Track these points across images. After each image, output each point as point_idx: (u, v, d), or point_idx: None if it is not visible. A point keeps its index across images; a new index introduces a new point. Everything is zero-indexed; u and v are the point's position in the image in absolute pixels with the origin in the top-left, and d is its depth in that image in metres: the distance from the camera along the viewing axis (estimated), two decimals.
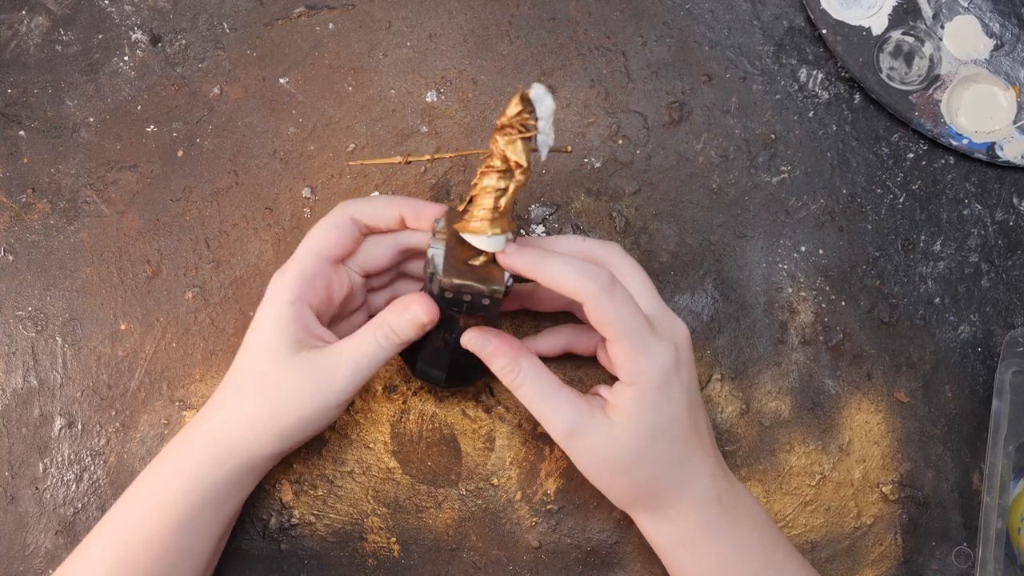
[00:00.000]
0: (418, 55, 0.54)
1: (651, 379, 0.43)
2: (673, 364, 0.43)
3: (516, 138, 0.41)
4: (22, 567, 0.50)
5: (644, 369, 0.43)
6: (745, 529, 0.45)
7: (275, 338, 0.44)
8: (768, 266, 0.54)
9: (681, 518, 0.45)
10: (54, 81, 0.53)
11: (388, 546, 0.51)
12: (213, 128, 0.53)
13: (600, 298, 0.42)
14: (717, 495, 0.45)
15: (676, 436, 0.44)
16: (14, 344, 0.52)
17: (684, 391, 0.44)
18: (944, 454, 0.53)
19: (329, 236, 0.46)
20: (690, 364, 0.45)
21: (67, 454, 0.51)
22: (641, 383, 0.43)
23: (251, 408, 0.44)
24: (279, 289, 0.45)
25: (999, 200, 0.55)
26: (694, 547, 0.45)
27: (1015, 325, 0.54)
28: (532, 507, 0.52)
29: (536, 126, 0.41)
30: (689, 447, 0.44)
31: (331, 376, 0.44)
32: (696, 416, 0.45)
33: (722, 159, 0.54)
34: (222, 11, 0.54)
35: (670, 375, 0.43)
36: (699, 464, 0.45)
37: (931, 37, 0.55)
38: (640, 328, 0.43)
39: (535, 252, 0.43)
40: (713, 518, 0.45)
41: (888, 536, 0.53)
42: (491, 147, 0.42)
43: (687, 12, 0.55)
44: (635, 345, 0.43)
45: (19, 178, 0.53)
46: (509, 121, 0.41)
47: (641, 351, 0.43)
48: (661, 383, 0.43)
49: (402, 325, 0.44)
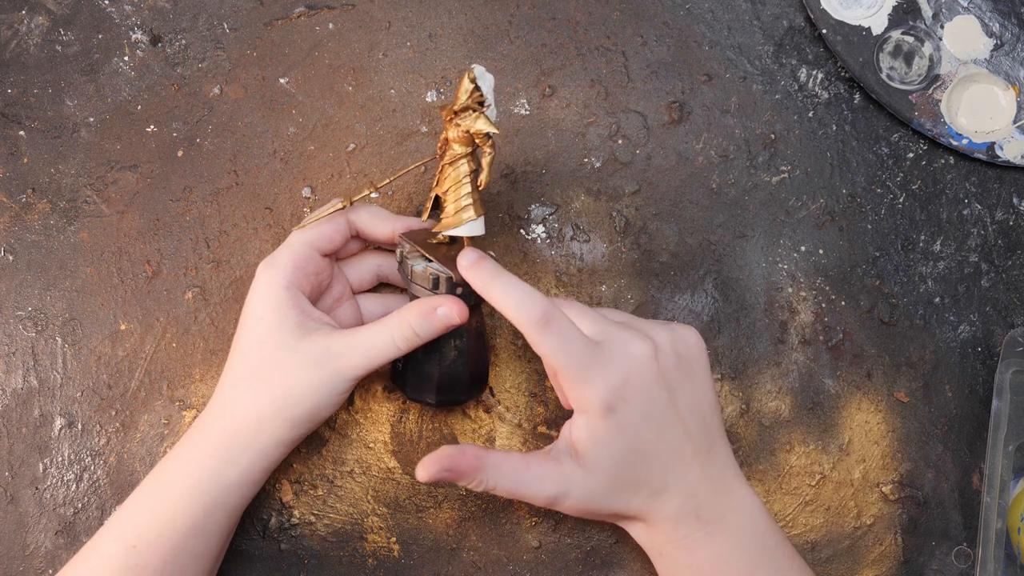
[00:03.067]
0: (418, 55, 0.54)
1: (595, 408, 0.42)
2: (615, 393, 0.42)
3: (479, 114, 0.44)
4: (22, 567, 0.50)
5: (588, 397, 0.42)
6: (726, 545, 0.45)
7: (276, 325, 0.44)
8: (768, 266, 0.54)
9: (655, 532, 0.45)
10: (54, 81, 0.53)
11: (388, 546, 0.51)
12: (213, 128, 0.53)
13: (532, 332, 0.42)
14: (695, 511, 0.44)
15: (639, 460, 0.43)
16: (14, 344, 0.52)
17: (640, 414, 0.43)
18: (944, 454, 0.53)
19: (323, 229, 0.47)
20: (648, 386, 0.43)
21: (67, 454, 0.51)
22: (588, 412, 0.43)
23: (260, 400, 0.44)
24: (272, 276, 0.45)
25: (999, 200, 0.55)
26: (672, 558, 0.45)
27: (1015, 325, 0.54)
28: (532, 507, 0.52)
29: (486, 101, 0.44)
30: (656, 466, 0.44)
31: (340, 364, 0.44)
32: (667, 434, 0.44)
33: (722, 159, 0.54)
34: (222, 11, 0.54)
35: (614, 403, 0.42)
36: (672, 481, 0.44)
37: (931, 37, 0.55)
38: (577, 362, 0.42)
39: (488, 270, 0.43)
40: (689, 534, 0.44)
41: (888, 536, 0.53)
42: (447, 136, 0.45)
43: (687, 12, 0.55)
44: (575, 376, 0.42)
45: (19, 178, 0.53)
46: (466, 103, 0.44)
47: (581, 382, 0.42)
48: (605, 412, 0.42)
49: (427, 324, 0.44)
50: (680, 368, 0.45)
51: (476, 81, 0.44)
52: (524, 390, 0.53)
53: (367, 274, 0.51)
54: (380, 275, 0.51)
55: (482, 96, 0.44)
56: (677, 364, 0.45)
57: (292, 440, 0.45)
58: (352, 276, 0.50)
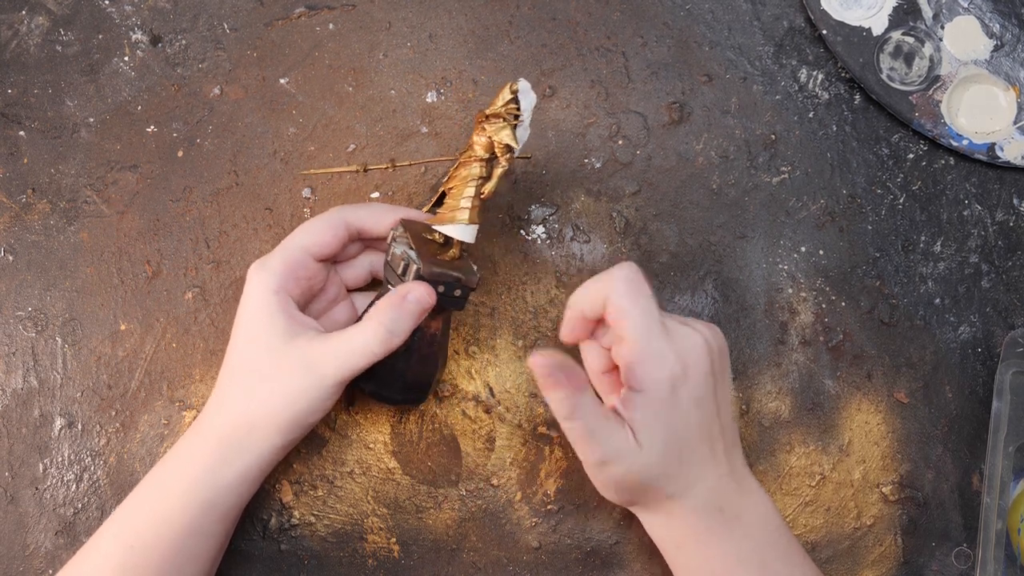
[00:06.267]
0: (418, 55, 0.54)
1: (661, 386, 0.43)
2: (681, 374, 0.43)
3: (506, 125, 0.44)
4: (22, 567, 0.50)
5: (656, 375, 0.43)
6: (743, 538, 0.45)
7: (264, 329, 0.44)
8: (768, 267, 0.54)
9: (677, 521, 0.45)
10: (54, 81, 0.53)
11: (388, 546, 0.51)
12: (213, 128, 0.53)
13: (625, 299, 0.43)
14: (719, 504, 0.45)
15: (682, 445, 0.44)
16: (14, 344, 0.52)
17: (694, 400, 0.44)
18: (944, 454, 0.53)
19: (319, 233, 0.46)
20: (704, 375, 0.44)
21: (67, 454, 0.51)
22: (651, 390, 0.43)
23: (251, 404, 0.44)
24: (262, 279, 0.45)
25: (999, 201, 0.55)
26: (686, 550, 0.46)
27: (1015, 325, 0.54)
28: (532, 507, 0.52)
29: (521, 117, 0.44)
30: (695, 455, 0.44)
31: (321, 369, 0.44)
32: (708, 425, 0.45)
33: (722, 159, 0.54)
34: (222, 11, 0.54)
35: (677, 385, 0.43)
36: (703, 473, 0.45)
37: (931, 37, 0.55)
38: (654, 330, 0.43)
39: None
40: (710, 526, 0.45)
41: (888, 536, 0.53)
42: (473, 138, 0.45)
43: (687, 12, 0.55)
44: (650, 350, 0.43)
45: (19, 178, 0.53)
46: (498, 111, 0.44)
47: (655, 356, 0.43)
48: (668, 392, 0.43)
49: (401, 318, 0.44)
50: (721, 364, 0.46)
51: (517, 94, 0.44)
52: (524, 391, 0.53)
53: (361, 271, 0.50)
54: (373, 271, 0.51)
55: (518, 110, 0.44)
56: (720, 359, 0.46)
57: (284, 445, 0.45)
58: (347, 275, 0.50)
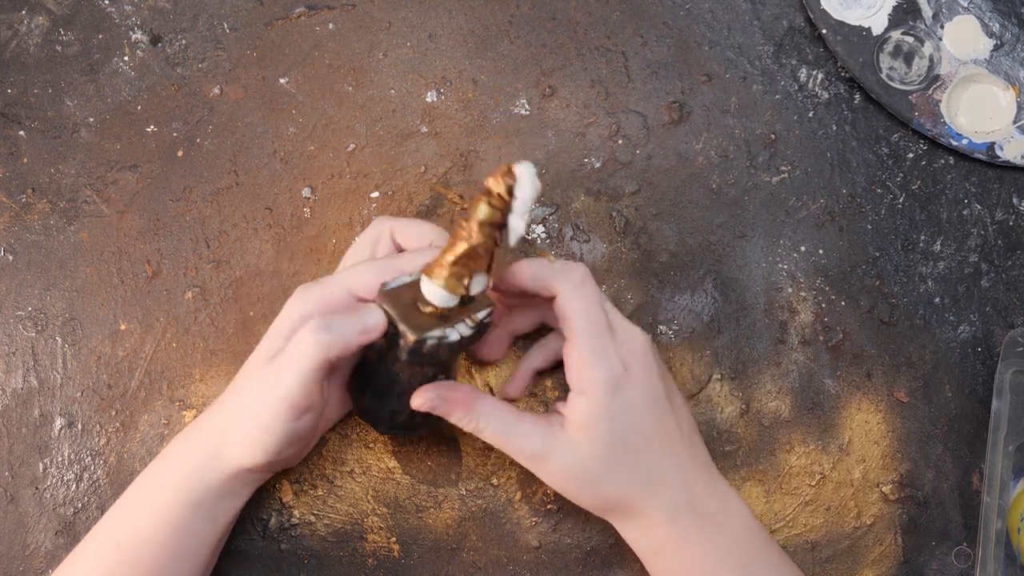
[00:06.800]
0: (418, 55, 0.54)
1: (602, 387, 0.43)
2: (623, 374, 0.43)
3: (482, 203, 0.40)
4: (22, 567, 0.50)
5: (595, 376, 0.43)
6: (721, 539, 0.45)
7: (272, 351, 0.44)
8: (768, 266, 0.54)
9: (652, 527, 0.45)
10: (54, 81, 0.53)
11: (388, 546, 0.51)
12: (213, 128, 0.53)
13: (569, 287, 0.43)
14: (689, 503, 0.44)
15: (639, 446, 0.44)
16: (14, 344, 0.52)
17: (643, 400, 0.44)
18: (944, 454, 0.53)
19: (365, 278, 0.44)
20: (649, 372, 0.44)
21: (67, 454, 0.51)
22: (591, 391, 0.43)
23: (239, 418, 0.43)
24: (296, 306, 0.44)
25: (999, 200, 0.55)
26: (665, 556, 0.45)
27: (1015, 325, 0.54)
28: (532, 507, 0.52)
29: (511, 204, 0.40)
30: (655, 456, 0.44)
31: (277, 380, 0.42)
32: (664, 423, 0.45)
33: (722, 159, 0.54)
34: (222, 11, 0.54)
35: (621, 383, 0.43)
36: (669, 472, 0.44)
37: (931, 37, 0.55)
38: (598, 330, 0.43)
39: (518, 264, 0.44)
40: (685, 527, 0.45)
41: (888, 536, 0.53)
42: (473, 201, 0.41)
43: (687, 12, 0.55)
44: (592, 347, 0.43)
45: (19, 178, 0.53)
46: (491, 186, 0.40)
47: (594, 355, 0.43)
48: (612, 391, 0.43)
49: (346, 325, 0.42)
50: (664, 363, 0.46)
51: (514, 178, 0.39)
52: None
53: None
54: None
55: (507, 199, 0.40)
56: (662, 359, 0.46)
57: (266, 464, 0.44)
58: None
